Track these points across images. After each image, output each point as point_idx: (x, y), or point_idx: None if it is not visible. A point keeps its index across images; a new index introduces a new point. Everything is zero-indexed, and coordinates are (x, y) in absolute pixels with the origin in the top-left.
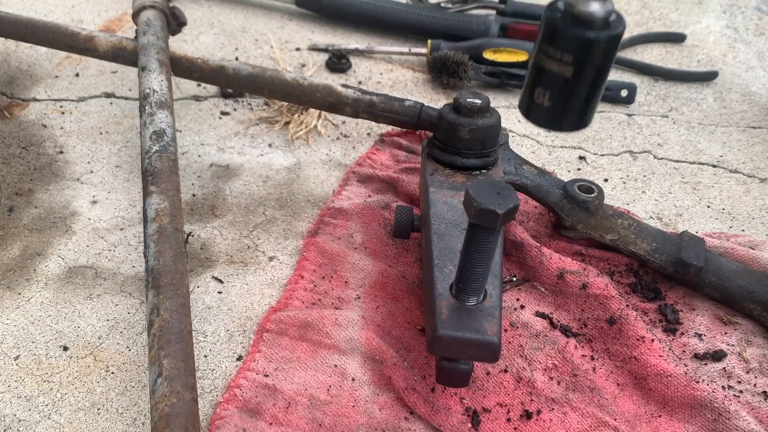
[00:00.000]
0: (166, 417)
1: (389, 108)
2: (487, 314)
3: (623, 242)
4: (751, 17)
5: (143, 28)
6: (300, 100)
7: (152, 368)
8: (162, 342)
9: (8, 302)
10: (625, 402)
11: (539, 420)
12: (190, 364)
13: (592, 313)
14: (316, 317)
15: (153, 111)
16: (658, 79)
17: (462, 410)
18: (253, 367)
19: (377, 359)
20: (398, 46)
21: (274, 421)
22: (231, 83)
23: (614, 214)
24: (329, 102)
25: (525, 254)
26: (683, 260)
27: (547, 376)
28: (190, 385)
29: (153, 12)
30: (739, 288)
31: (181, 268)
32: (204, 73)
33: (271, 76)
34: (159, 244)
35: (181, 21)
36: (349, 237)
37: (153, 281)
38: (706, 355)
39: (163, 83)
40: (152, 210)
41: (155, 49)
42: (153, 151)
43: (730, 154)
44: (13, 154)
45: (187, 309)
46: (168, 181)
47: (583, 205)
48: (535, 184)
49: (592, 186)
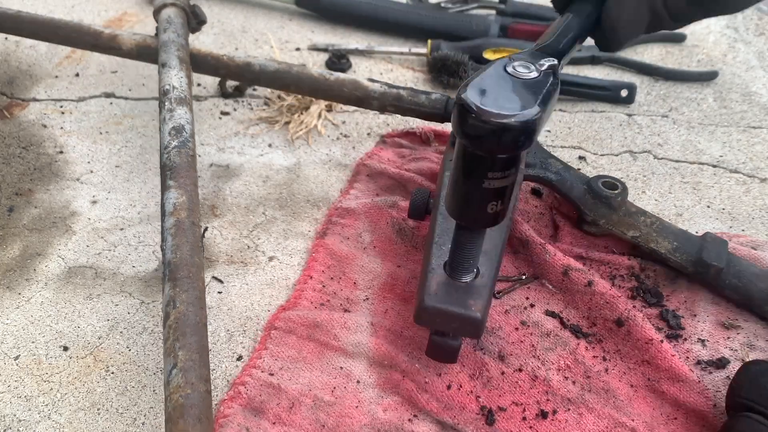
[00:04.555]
0: (180, 407)
1: (416, 101)
2: (475, 291)
3: (644, 240)
4: (751, 17)
5: (164, 25)
6: (327, 96)
7: (167, 359)
8: (177, 334)
9: (8, 302)
10: (639, 404)
11: (555, 420)
12: (204, 356)
13: (600, 312)
14: (325, 318)
15: (173, 107)
16: (658, 79)
17: (477, 408)
18: (258, 365)
19: (386, 364)
20: (398, 46)
21: (278, 421)
22: (257, 80)
23: (637, 211)
24: (356, 96)
25: (530, 251)
26: (704, 260)
27: (561, 376)
28: (204, 377)
29: (174, 9)
30: (759, 291)
31: (198, 261)
32: (230, 69)
33: (297, 72)
34: (176, 237)
35: (201, 19)
36: (357, 237)
37: (170, 274)
38: (710, 363)
39: (183, 80)
40: (170, 204)
41: (175, 46)
42: (172, 146)
43: (730, 154)
44: (13, 154)
45: (203, 302)
46: (186, 176)
47: (606, 201)
48: (559, 178)
49: (616, 182)
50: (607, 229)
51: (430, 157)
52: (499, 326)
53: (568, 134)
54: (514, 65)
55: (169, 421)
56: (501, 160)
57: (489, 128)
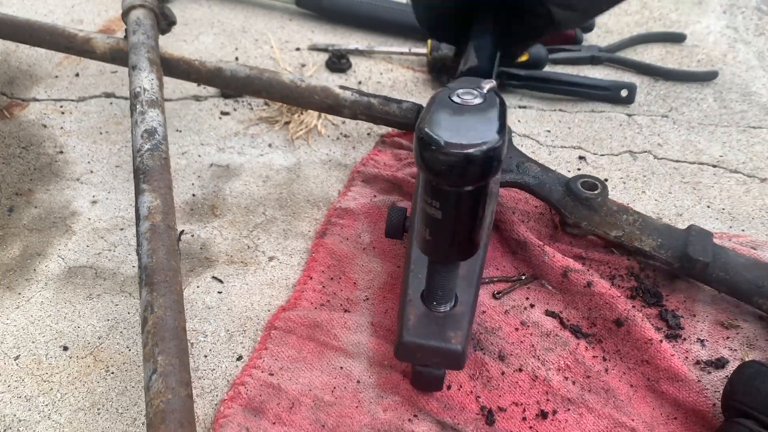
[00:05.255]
0: (161, 413)
1: (387, 110)
2: (454, 322)
3: (628, 238)
4: (751, 17)
5: (133, 27)
6: (298, 102)
7: (147, 365)
8: (156, 339)
9: (8, 302)
10: (639, 404)
11: (555, 420)
12: (184, 361)
13: (599, 313)
14: (325, 318)
15: (144, 109)
16: (658, 79)
17: (477, 408)
18: (258, 365)
19: (386, 364)
20: (398, 46)
21: (278, 421)
22: (228, 85)
23: (619, 209)
24: (327, 104)
25: (529, 253)
26: (689, 255)
27: (561, 376)
28: (185, 381)
29: (142, 11)
30: (747, 282)
31: (174, 265)
32: (201, 74)
33: (268, 78)
34: (152, 241)
35: (170, 20)
36: (357, 237)
37: (146, 279)
38: (709, 363)
39: (154, 82)
40: (144, 208)
41: (145, 48)
42: (144, 149)
43: (730, 154)
44: (13, 154)
45: (181, 306)
46: (160, 179)
47: (586, 203)
48: (537, 182)
49: (595, 182)
50: (589, 230)
51: None
52: (499, 326)
53: (568, 134)
54: (458, 93)
55: (151, 426)
56: (469, 191)
57: (454, 160)
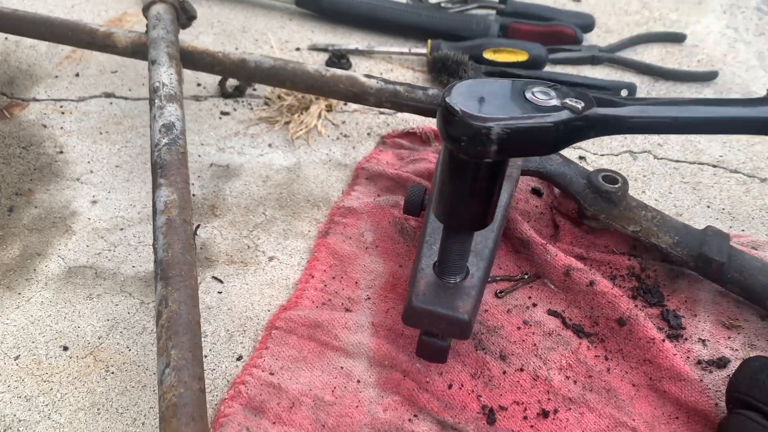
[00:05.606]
0: (173, 407)
1: (413, 97)
2: (464, 293)
3: (645, 234)
4: (751, 17)
5: (153, 22)
6: (323, 92)
7: (160, 359)
8: (170, 333)
9: (8, 302)
10: (641, 403)
11: (556, 419)
12: (197, 355)
13: (602, 312)
14: (326, 318)
15: (162, 104)
16: (658, 79)
17: (478, 408)
18: (259, 364)
19: (386, 364)
20: (398, 46)
21: (278, 420)
22: (252, 76)
23: (638, 205)
24: (353, 92)
25: (532, 252)
26: (705, 255)
27: (563, 375)
28: (198, 376)
29: (163, 6)
30: (762, 286)
31: (190, 259)
32: (225, 66)
33: (293, 68)
34: (168, 236)
35: (191, 15)
36: (359, 236)
37: (162, 273)
38: (710, 362)
39: (173, 76)
40: (161, 202)
41: (165, 42)
42: (162, 143)
43: (730, 154)
44: (13, 154)
45: (196, 300)
46: (177, 174)
47: (606, 196)
48: (559, 172)
49: (616, 176)
50: (607, 223)
51: (428, 157)
52: (501, 325)
53: None
54: (533, 91)
55: (163, 420)
56: (486, 164)
57: (473, 132)
